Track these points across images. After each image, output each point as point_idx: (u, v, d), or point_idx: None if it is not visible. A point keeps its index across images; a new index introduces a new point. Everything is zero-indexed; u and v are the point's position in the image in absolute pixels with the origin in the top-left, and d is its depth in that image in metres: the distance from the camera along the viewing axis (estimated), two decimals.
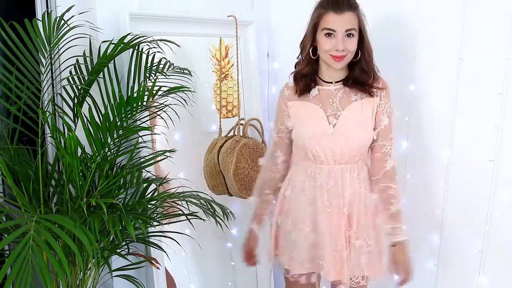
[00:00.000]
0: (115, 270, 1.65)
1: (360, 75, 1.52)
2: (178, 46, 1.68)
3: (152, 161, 1.60)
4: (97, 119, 1.53)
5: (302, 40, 1.55)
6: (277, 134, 1.63)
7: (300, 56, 1.58)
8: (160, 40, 1.64)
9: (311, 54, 1.51)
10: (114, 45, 1.55)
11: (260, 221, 1.71)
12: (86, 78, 1.58)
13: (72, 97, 1.59)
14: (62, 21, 1.53)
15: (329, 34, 1.44)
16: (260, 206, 1.70)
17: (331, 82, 1.54)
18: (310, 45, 1.50)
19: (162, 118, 1.65)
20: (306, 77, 1.54)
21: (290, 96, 1.58)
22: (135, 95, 1.42)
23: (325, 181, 1.52)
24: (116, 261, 1.67)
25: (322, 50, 1.47)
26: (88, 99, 1.58)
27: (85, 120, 1.44)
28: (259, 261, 1.76)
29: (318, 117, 1.51)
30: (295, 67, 1.60)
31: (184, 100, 1.64)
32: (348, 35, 1.44)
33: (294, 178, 1.60)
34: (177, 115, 1.73)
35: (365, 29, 1.49)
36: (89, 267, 1.51)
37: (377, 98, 1.52)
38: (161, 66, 1.74)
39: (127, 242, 1.63)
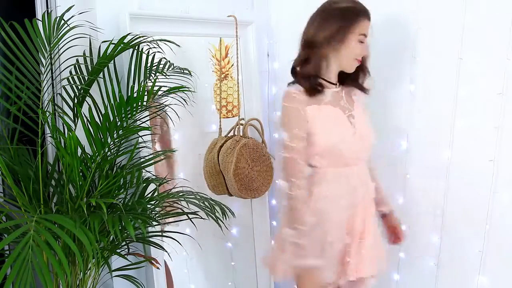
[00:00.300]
0: (115, 270, 1.65)
1: (362, 77, 1.60)
2: (178, 46, 1.68)
3: (152, 161, 1.60)
4: (97, 119, 1.53)
5: (316, 39, 1.49)
6: (297, 144, 1.47)
7: (304, 56, 1.52)
8: (160, 40, 1.64)
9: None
10: (114, 45, 1.55)
11: None
12: (86, 78, 1.58)
13: (72, 97, 1.59)
14: (62, 21, 1.53)
15: (362, 41, 1.49)
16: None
17: (335, 84, 1.57)
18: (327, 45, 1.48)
19: (162, 118, 1.65)
20: (310, 78, 1.51)
21: (306, 101, 1.49)
22: (135, 95, 1.42)
23: (357, 182, 1.54)
24: (116, 261, 1.67)
25: (352, 54, 1.50)
26: (88, 99, 1.58)
27: (85, 120, 1.44)
28: None
29: (341, 119, 1.52)
30: (293, 70, 1.57)
31: (184, 100, 1.64)
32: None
33: (327, 187, 1.52)
34: (177, 115, 1.74)
35: None
36: (89, 267, 1.51)
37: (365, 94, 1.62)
38: (161, 66, 1.74)
39: (127, 242, 1.63)
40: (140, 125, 1.53)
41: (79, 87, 1.58)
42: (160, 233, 1.72)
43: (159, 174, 1.93)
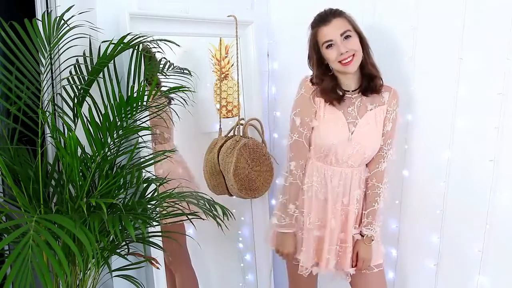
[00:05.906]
0: (115, 270, 1.65)
1: (372, 82, 1.62)
2: (178, 46, 1.68)
3: (152, 161, 1.60)
4: (97, 119, 1.53)
5: (309, 61, 1.64)
6: (303, 130, 1.63)
7: (314, 73, 1.64)
8: (160, 40, 1.64)
9: (323, 70, 1.60)
10: (114, 45, 1.55)
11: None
12: (86, 78, 1.58)
13: (72, 97, 1.59)
14: (62, 21, 1.53)
15: (329, 46, 1.54)
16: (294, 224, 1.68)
17: (349, 91, 1.63)
18: (319, 63, 1.59)
19: (162, 118, 1.65)
20: (332, 89, 1.61)
21: (318, 92, 1.63)
22: (135, 95, 1.42)
23: (336, 182, 1.64)
24: (116, 261, 1.67)
25: (331, 62, 1.57)
26: (88, 99, 1.58)
27: (85, 120, 1.44)
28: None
29: (341, 123, 1.61)
30: (311, 81, 1.65)
31: (184, 100, 1.64)
32: (346, 37, 1.53)
33: (311, 179, 1.67)
34: (177, 115, 1.74)
35: (359, 28, 1.58)
36: (89, 267, 1.51)
37: (386, 105, 1.64)
38: (161, 66, 1.74)
39: (127, 242, 1.63)
40: (140, 125, 1.53)
41: (79, 87, 1.58)
42: (161, 233, 1.72)
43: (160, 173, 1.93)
